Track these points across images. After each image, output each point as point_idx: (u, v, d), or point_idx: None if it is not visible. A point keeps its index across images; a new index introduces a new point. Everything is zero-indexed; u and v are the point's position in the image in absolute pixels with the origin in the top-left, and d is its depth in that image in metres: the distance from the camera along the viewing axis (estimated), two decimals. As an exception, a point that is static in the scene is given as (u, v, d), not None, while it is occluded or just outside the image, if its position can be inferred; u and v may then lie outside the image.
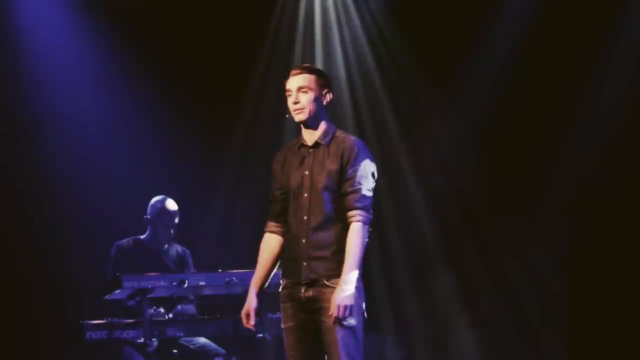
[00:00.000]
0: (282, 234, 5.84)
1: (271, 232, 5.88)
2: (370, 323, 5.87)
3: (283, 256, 5.83)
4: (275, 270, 5.87)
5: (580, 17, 8.85)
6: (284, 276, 5.81)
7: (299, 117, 5.78)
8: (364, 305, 5.68)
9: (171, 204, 8.12)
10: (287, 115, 5.85)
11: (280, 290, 5.81)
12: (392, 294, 9.33)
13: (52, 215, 9.02)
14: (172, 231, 8.14)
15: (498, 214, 9.18)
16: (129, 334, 7.47)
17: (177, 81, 9.22)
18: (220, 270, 7.58)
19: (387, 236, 9.36)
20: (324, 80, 5.84)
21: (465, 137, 9.32)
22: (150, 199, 8.22)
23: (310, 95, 5.76)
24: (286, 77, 5.89)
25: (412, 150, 9.44)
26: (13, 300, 8.85)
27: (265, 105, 9.35)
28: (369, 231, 5.68)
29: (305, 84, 5.76)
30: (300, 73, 5.79)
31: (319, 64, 9.35)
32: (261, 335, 7.35)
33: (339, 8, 9.53)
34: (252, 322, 5.80)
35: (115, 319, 7.51)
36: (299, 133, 5.87)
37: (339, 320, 5.55)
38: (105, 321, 7.49)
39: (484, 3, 9.09)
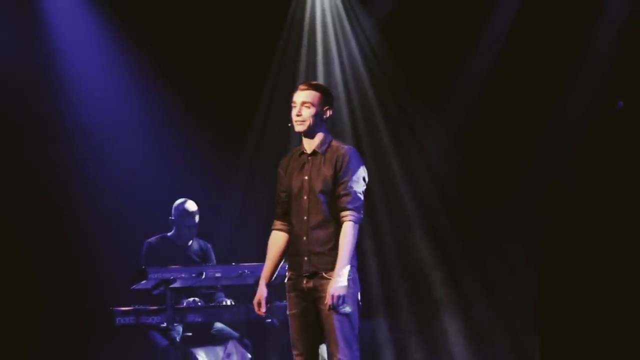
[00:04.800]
0: (288, 232, 5.89)
1: (277, 229, 5.94)
2: (365, 310, 5.99)
3: (288, 252, 5.89)
4: (281, 264, 5.92)
5: (550, 36, 8.84)
6: (289, 269, 5.87)
7: (298, 128, 5.84)
8: (359, 294, 5.75)
9: (191, 207, 8.13)
10: (289, 124, 5.90)
11: (286, 281, 5.86)
12: (384, 284, 9.33)
13: (86, 216, 9.01)
14: (193, 230, 8.16)
15: (478, 210, 9.18)
16: (154, 319, 7.52)
17: (198, 93, 9.21)
18: (234, 264, 7.64)
19: (380, 232, 9.36)
20: (327, 98, 5.87)
21: (448, 143, 9.33)
22: (174, 197, 8.25)
23: (312, 110, 5.80)
24: (293, 89, 5.94)
25: (401, 155, 9.45)
26: (52, 291, 8.86)
27: (274, 115, 9.33)
28: (359, 229, 5.73)
29: (309, 99, 5.81)
30: (306, 89, 5.84)
31: (320, 77, 9.39)
32: (270, 320, 7.39)
33: (337, 29, 9.49)
34: (263, 309, 5.86)
35: (141, 306, 7.57)
36: (301, 142, 5.92)
37: (333, 308, 5.62)
38: (132, 308, 7.55)
39: (466, 25, 9.07)
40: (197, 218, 8.16)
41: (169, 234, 8.21)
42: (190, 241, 8.22)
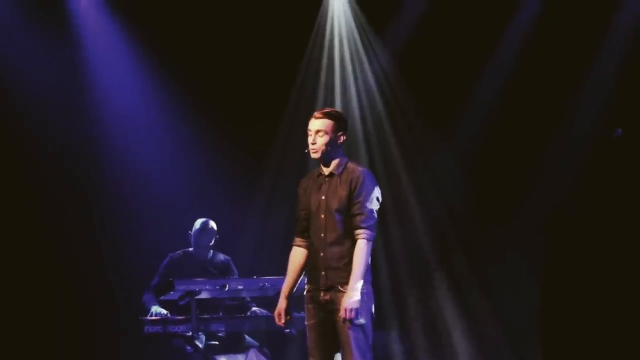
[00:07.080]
0: (307, 247, 5.97)
1: (297, 245, 6.01)
2: (378, 322, 6.01)
3: (307, 266, 5.97)
4: (301, 277, 5.99)
5: (554, 64, 8.95)
6: (307, 282, 5.95)
7: (314, 155, 5.91)
8: (372, 307, 5.82)
9: (209, 228, 8.13)
10: (306, 150, 5.97)
11: (304, 293, 5.94)
12: (396, 297, 9.38)
13: (116, 231, 9.11)
14: (202, 248, 8.16)
15: (483, 229, 9.26)
16: (180, 328, 7.55)
17: (223, 112, 9.26)
18: (255, 277, 7.68)
19: (392, 248, 9.40)
20: (340, 124, 5.90)
21: (456, 166, 9.42)
22: (198, 214, 8.28)
23: (326, 138, 5.85)
24: (312, 114, 5.95)
25: (413, 176, 9.52)
26: (84, 302, 8.97)
27: (294, 137, 9.34)
28: (373, 246, 5.80)
29: (323, 128, 5.85)
30: (320, 117, 5.87)
31: (337, 104, 9.46)
32: (288, 330, 7.44)
33: (354, 58, 9.57)
34: (283, 320, 5.94)
35: (168, 316, 7.66)
36: (319, 164, 5.98)
37: (348, 320, 5.69)
38: (160, 318, 7.63)
39: (473, 52, 9.16)
40: (212, 239, 8.17)
41: (190, 249, 8.24)
42: (210, 255, 8.24)
